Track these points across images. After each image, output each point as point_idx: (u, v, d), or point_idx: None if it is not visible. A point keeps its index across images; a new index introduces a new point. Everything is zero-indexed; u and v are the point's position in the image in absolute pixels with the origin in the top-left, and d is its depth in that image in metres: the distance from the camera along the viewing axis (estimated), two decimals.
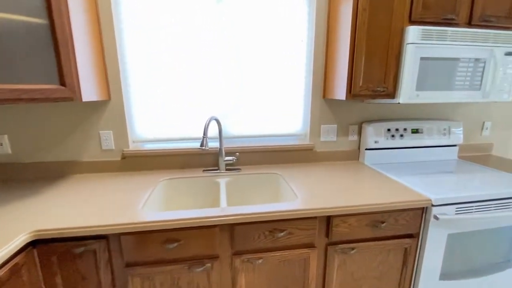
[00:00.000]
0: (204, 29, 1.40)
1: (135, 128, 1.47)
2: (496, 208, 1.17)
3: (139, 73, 1.40)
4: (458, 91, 1.29)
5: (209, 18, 1.39)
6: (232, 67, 1.47)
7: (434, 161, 1.66)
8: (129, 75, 1.40)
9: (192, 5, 1.36)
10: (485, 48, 1.25)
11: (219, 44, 1.43)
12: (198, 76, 1.45)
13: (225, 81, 1.48)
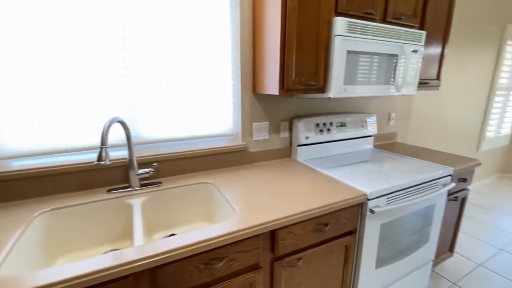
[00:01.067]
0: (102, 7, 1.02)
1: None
2: (416, 193, 1.28)
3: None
4: (378, 85, 1.35)
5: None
6: (143, 56, 1.14)
7: (357, 151, 1.75)
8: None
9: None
10: (397, 45, 1.34)
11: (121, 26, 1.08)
12: (95, 67, 1.06)
13: (135, 73, 1.14)
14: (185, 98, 1.29)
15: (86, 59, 1.05)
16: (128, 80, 1.14)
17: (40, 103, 1.01)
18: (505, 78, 3.07)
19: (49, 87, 1.01)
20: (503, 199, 2.96)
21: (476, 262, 1.90)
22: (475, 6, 2.48)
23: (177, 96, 1.26)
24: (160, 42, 1.17)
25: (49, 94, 1.02)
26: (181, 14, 1.19)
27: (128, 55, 1.12)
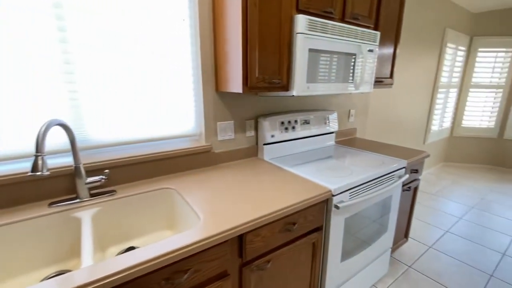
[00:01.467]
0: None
1: None
2: (375, 186, 1.35)
3: None
4: (338, 83, 1.39)
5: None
6: (86, 51, 1.01)
7: (320, 148, 1.80)
8: None
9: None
10: (355, 44, 1.39)
11: None
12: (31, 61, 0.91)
13: (78, 69, 1.00)
14: (141, 97, 1.18)
15: (19, 55, 0.89)
16: (69, 77, 1.00)
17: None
18: (445, 77, 3.43)
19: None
20: (446, 185, 3.32)
21: (427, 244, 2.09)
22: (419, 11, 2.72)
23: (131, 95, 1.15)
24: (108, 34, 1.05)
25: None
26: (132, 5, 1.08)
27: (68, 48, 0.98)
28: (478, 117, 3.88)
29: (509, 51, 3.57)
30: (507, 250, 2.02)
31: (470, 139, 3.98)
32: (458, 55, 3.55)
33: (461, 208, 2.72)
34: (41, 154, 0.76)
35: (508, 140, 3.80)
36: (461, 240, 2.16)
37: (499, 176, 3.68)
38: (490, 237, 2.20)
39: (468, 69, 3.76)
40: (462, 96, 3.87)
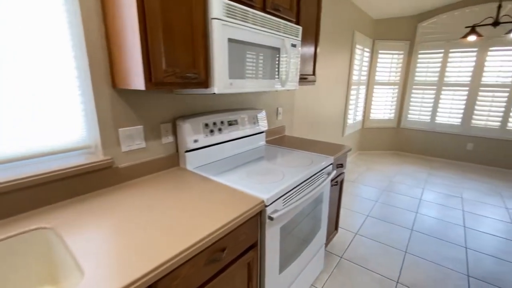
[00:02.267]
0: None
1: None
2: (308, 186, 1.29)
3: None
4: (265, 80, 1.27)
5: None
6: None
7: (251, 150, 1.67)
8: None
9: None
10: (278, 37, 1.29)
11: None
12: None
13: None
14: (7, 102, 0.79)
15: None
16: None
17: None
18: (356, 75, 3.82)
19: None
20: (362, 172, 3.72)
21: (353, 231, 2.23)
22: (334, 12, 2.90)
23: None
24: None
25: None
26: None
27: None
28: (382, 110, 4.50)
29: (401, 53, 4.24)
30: (413, 225, 2.34)
31: (377, 129, 4.59)
32: (365, 56, 4.01)
33: (376, 192, 3.06)
34: None
35: (404, 129, 4.53)
36: (379, 222, 2.39)
37: (400, 159, 4.36)
38: (400, 215, 2.52)
39: (372, 68, 4.31)
40: (369, 92, 4.41)
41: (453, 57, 3.90)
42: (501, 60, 3.57)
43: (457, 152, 4.14)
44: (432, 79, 4.12)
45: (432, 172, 3.78)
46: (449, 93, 4.03)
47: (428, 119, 4.28)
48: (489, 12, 3.44)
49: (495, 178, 3.55)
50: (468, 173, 3.74)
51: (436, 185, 3.30)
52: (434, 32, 3.95)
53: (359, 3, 3.39)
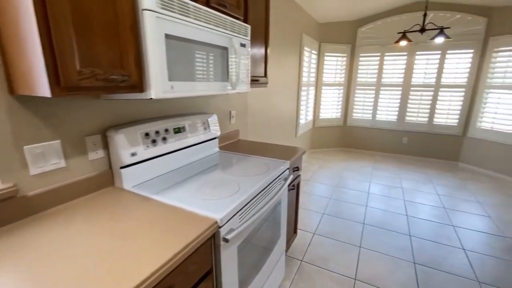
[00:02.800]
0: None
1: None
2: (265, 196, 1.20)
3: None
4: (212, 82, 1.14)
5: None
6: None
7: (203, 159, 1.52)
8: None
9: None
10: (226, 36, 1.18)
11: None
12: None
13: None
14: None
15: None
16: None
17: None
18: (305, 77, 3.93)
19: None
20: (316, 170, 3.84)
21: (311, 231, 2.25)
22: (282, 15, 2.90)
23: None
24: None
25: None
26: None
27: None
28: (330, 109, 4.74)
29: (345, 56, 4.51)
30: (365, 219, 2.47)
31: (326, 128, 4.82)
32: (313, 58, 4.16)
33: (329, 189, 3.17)
34: None
35: (350, 127, 4.85)
36: (334, 219, 2.46)
37: (348, 155, 4.64)
38: (352, 210, 2.64)
39: (320, 70, 4.50)
40: (318, 93, 4.60)
41: (388, 60, 4.30)
42: (427, 64, 4.05)
43: (395, 145, 4.58)
44: (371, 80, 4.49)
45: (376, 165, 4.11)
46: (386, 92, 4.43)
47: (369, 117, 4.65)
48: (416, 20, 3.88)
49: (427, 168, 4.02)
50: (405, 164, 4.16)
51: (380, 177, 3.58)
52: (371, 37, 4.29)
53: (306, 7, 3.48)
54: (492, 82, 3.64)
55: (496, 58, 3.58)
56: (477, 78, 3.80)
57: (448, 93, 4.02)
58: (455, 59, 3.88)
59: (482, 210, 2.67)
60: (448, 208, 2.72)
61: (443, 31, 2.82)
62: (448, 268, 1.81)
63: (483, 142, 3.81)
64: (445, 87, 4.02)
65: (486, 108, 3.76)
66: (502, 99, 3.56)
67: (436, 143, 4.27)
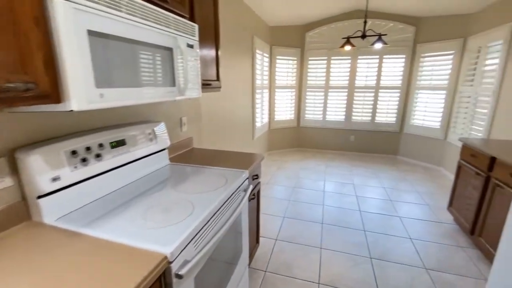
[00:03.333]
0: None
1: None
2: (224, 213, 1.09)
3: None
4: (156, 88, 0.99)
5: None
6: None
7: (150, 175, 1.33)
8: None
9: None
10: (169, 35, 1.03)
11: None
12: None
13: None
14: None
15: None
16: None
17: None
18: (259, 79, 3.91)
19: None
20: (274, 172, 3.85)
21: (273, 238, 2.20)
22: (234, 17, 2.81)
23: None
24: None
25: None
26: None
27: None
28: (284, 111, 4.82)
29: (295, 59, 4.64)
30: (323, 219, 2.52)
31: (282, 129, 4.90)
32: (265, 61, 4.17)
33: (287, 191, 3.19)
34: None
35: (303, 127, 5.01)
36: (294, 222, 2.46)
37: (303, 155, 4.78)
38: (311, 211, 2.68)
39: (272, 73, 4.54)
40: (272, 95, 4.64)
41: (334, 63, 4.55)
42: (368, 67, 4.40)
43: (344, 143, 4.88)
44: (320, 83, 4.70)
45: (328, 163, 4.31)
46: (334, 94, 4.69)
47: (320, 117, 4.87)
48: (358, 26, 4.17)
49: (373, 163, 4.36)
50: (354, 161, 4.45)
51: (333, 175, 3.76)
52: (318, 41, 4.49)
53: (256, 10, 3.45)
54: (421, 84, 4.13)
55: (423, 63, 4.06)
56: (409, 80, 4.26)
57: (387, 94, 4.44)
58: (391, 63, 4.30)
59: (421, 199, 2.98)
60: (393, 200, 2.96)
61: (381, 38, 3.07)
62: (399, 259, 1.94)
63: (416, 137, 4.29)
64: (384, 88, 4.42)
65: (417, 107, 4.24)
66: (429, 98, 4.05)
67: (379, 139, 4.67)
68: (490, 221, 1.86)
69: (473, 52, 3.39)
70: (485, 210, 1.91)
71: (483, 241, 1.91)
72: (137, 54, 0.88)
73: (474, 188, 2.08)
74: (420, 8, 3.58)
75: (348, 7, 3.91)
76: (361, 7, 4.00)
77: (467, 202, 2.17)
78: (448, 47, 3.74)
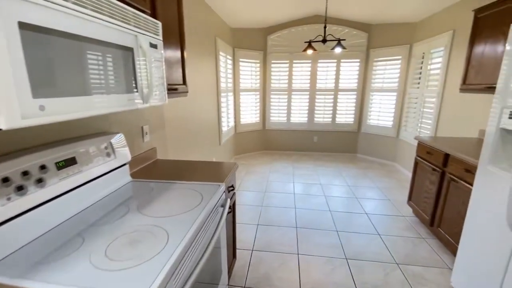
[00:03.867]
0: None
1: None
2: (203, 234, 0.95)
3: None
4: (115, 95, 0.82)
5: None
6: None
7: (108, 197, 1.13)
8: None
9: None
10: (129, 32, 0.87)
11: None
12: None
13: None
14: None
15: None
16: None
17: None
18: (223, 82, 3.78)
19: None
20: (243, 177, 3.75)
21: (249, 248, 2.10)
22: (196, 17, 2.65)
23: None
24: None
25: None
26: None
27: None
28: (249, 114, 4.76)
29: (258, 62, 4.61)
30: (296, 222, 2.50)
31: (248, 133, 4.83)
32: (228, 63, 4.06)
33: (259, 196, 3.12)
34: None
35: (268, 130, 5.01)
36: (269, 228, 2.40)
37: (270, 157, 4.78)
38: (284, 215, 2.65)
39: (236, 76, 4.45)
40: (237, 99, 4.55)
41: (296, 67, 4.64)
42: (327, 70, 4.58)
43: (308, 144, 5.01)
44: (283, 86, 4.75)
45: (295, 165, 4.37)
46: (297, 97, 4.79)
47: (285, 120, 4.93)
48: (317, 31, 4.31)
49: (335, 161, 4.55)
50: (318, 161, 4.59)
51: (301, 176, 3.81)
52: (280, 44, 4.54)
53: (217, 11, 3.33)
54: (375, 86, 4.43)
55: (376, 67, 4.37)
56: (364, 83, 4.55)
57: (345, 96, 4.67)
58: (348, 67, 4.54)
59: (383, 195, 3.16)
60: (359, 197, 3.10)
61: (340, 43, 3.19)
62: (372, 256, 2.00)
63: (373, 135, 4.60)
64: (342, 91, 4.65)
65: (372, 108, 4.55)
66: (382, 100, 4.37)
67: (339, 139, 4.90)
68: (447, 213, 2.02)
69: (418, 58, 3.74)
70: (442, 203, 2.08)
71: (442, 231, 2.07)
72: (87, 55, 0.71)
73: (431, 183, 2.26)
74: (371, 16, 3.84)
75: (308, 12, 4.02)
76: (320, 13, 4.14)
77: (425, 196, 2.35)
78: (396, 52, 4.08)
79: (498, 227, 1.31)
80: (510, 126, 1.27)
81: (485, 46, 2.03)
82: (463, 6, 2.82)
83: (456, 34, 2.93)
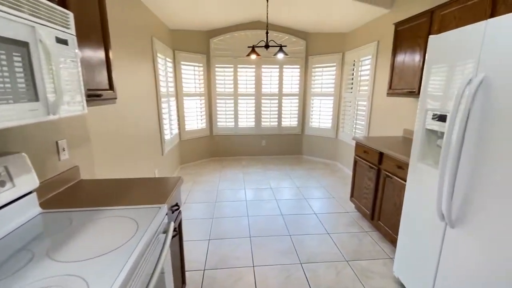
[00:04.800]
0: None
1: None
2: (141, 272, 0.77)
3: None
4: (6, 106, 0.59)
5: None
6: None
7: (4, 239, 0.85)
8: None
9: None
10: (20, 22, 0.65)
11: None
12: None
13: None
14: None
15: None
16: None
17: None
18: (163, 87, 3.49)
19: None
20: (190, 188, 3.51)
21: (201, 268, 1.92)
22: (128, 14, 2.35)
23: None
24: None
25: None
26: None
27: None
28: (194, 120, 4.53)
29: (201, 66, 4.42)
30: (250, 232, 2.42)
31: (194, 140, 4.58)
32: (168, 66, 3.77)
33: (209, 207, 2.94)
34: None
35: (216, 136, 4.85)
36: (221, 242, 2.25)
37: (219, 164, 4.61)
38: (237, 225, 2.53)
39: (178, 80, 4.17)
40: (180, 104, 4.27)
41: (241, 71, 4.61)
42: (271, 76, 4.68)
43: (256, 149, 5.02)
44: (229, 90, 4.67)
45: (245, 170, 4.31)
46: (244, 101, 4.76)
47: (232, 124, 4.84)
48: (260, 37, 4.36)
49: (283, 164, 4.65)
50: (268, 164, 4.63)
51: (251, 182, 3.76)
52: (223, 48, 4.45)
53: (154, 10, 3.05)
54: (314, 91, 4.70)
55: (315, 73, 4.65)
56: (305, 88, 4.79)
57: (289, 100, 4.84)
58: (290, 72, 4.72)
59: (328, 193, 3.33)
60: (307, 198, 3.19)
61: (282, 49, 3.27)
62: (324, 257, 2.04)
63: (315, 137, 4.87)
64: (286, 95, 4.81)
65: (313, 111, 4.82)
66: (322, 103, 4.67)
67: (285, 142, 5.05)
68: (385, 207, 2.21)
69: (350, 65, 4.11)
70: (380, 197, 2.27)
71: (382, 224, 2.26)
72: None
73: (369, 180, 2.45)
74: (307, 24, 4.06)
75: (250, 17, 4.03)
76: (262, 19, 4.20)
77: (365, 192, 2.53)
78: (331, 60, 4.41)
79: (430, 217, 1.45)
80: (433, 127, 1.43)
81: (405, 55, 2.30)
82: (385, 20, 3.19)
83: (381, 44, 3.29)
